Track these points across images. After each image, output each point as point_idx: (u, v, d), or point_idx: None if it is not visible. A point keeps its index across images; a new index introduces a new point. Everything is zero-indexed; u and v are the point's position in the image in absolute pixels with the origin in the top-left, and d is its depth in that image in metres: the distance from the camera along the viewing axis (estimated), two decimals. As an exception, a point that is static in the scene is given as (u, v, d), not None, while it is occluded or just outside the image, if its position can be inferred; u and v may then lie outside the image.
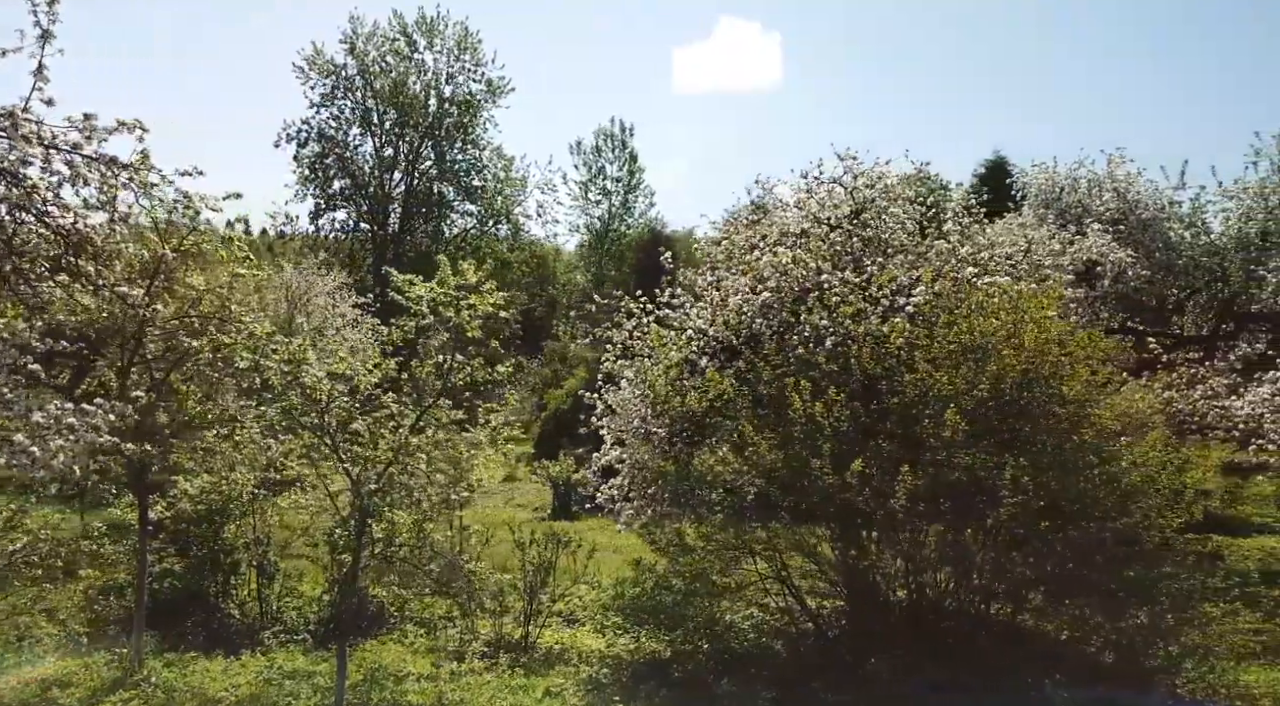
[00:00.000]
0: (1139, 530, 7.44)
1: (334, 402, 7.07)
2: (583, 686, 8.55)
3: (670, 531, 8.83)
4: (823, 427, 7.38)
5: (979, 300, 8.08)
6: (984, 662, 7.85)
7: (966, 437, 6.99)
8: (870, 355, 7.86)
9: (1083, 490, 7.11)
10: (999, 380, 7.31)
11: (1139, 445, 7.74)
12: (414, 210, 48.40)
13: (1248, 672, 9.26)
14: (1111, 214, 17.19)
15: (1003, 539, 7.42)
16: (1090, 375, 7.55)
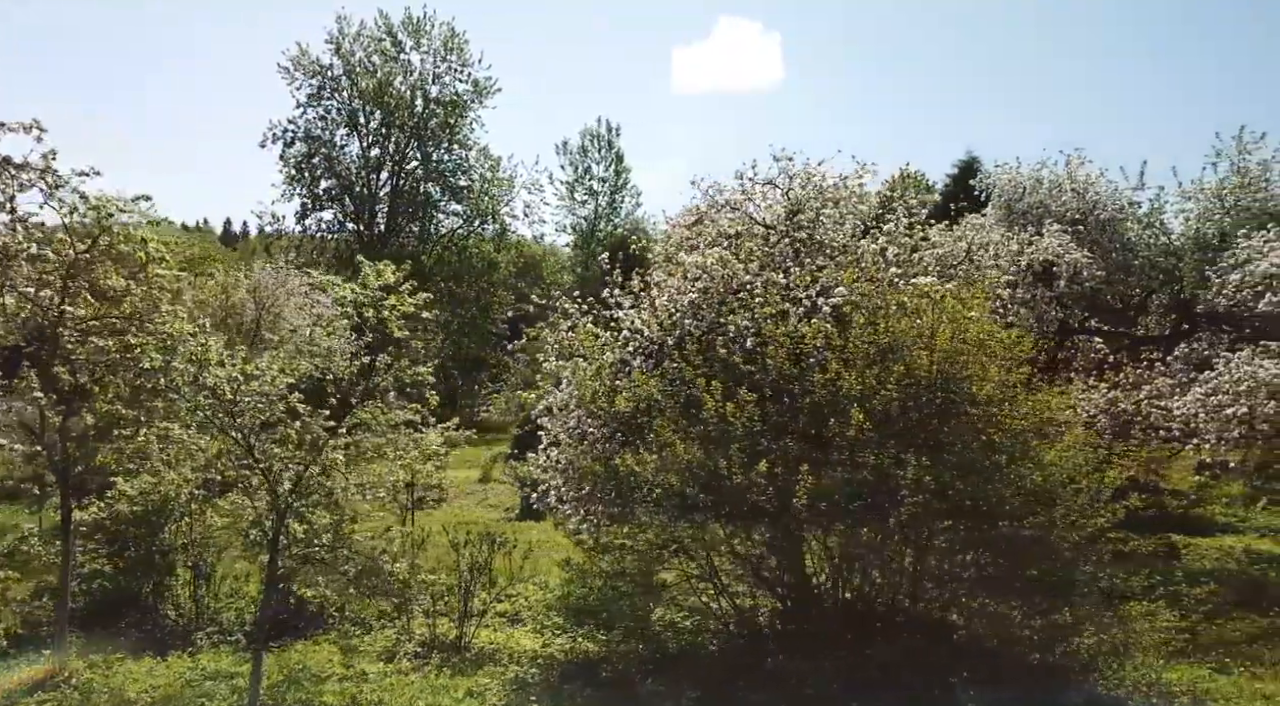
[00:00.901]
0: (1055, 529, 7.47)
1: (244, 403, 7.08)
2: (508, 686, 8.58)
3: (599, 531, 8.86)
4: (734, 428, 7.42)
5: (899, 301, 8.12)
6: (907, 661, 7.89)
7: (873, 437, 7.03)
8: (786, 356, 7.89)
9: (989, 490, 7.15)
10: (907, 381, 7.35)
11: (1057, 445, 7.79)
12: (400, 210, 48.41)
13: (1171, 670, 9.33)
14: (1072, 214, 17.28)
15: (915, 539, 7.45)
16: (1004, 376, 7.60)
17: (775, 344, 7.92)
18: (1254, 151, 16.64)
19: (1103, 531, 8.66)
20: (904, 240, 9.78)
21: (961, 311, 8.03)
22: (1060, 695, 8.06)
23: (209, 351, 6.87)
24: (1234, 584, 14.37)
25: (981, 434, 7.36)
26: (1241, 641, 10.66)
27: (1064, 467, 7.46)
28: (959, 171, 27.71)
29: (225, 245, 62.50)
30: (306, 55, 46.24)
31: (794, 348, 7.98)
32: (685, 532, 7.89)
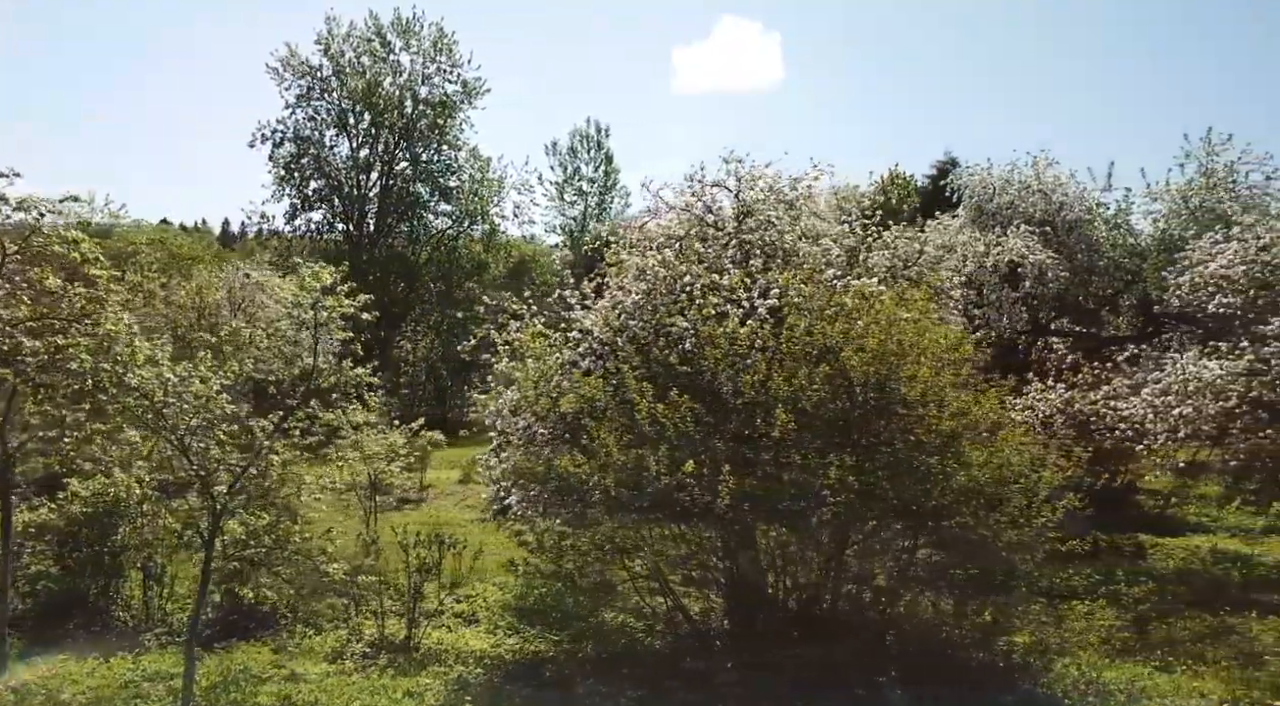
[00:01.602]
0: (987, 528, 7.53)
1: (173, 405, 7.10)
2: (449, 686, 8.60)
3: (541, 531, 8.90)
4: (665, 428, 7.46)
5: (835, 302, 8.17)
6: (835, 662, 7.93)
7: (799, 438, 7.08)
8: (722, 357, 7.94)
9: (919, 490, 7.20)
10: (840, 381, 7.40)
11: (989, 446, 7.84)
12: (389, 210, 48.38)
13: (1113, 669, 9.38)
14: (1040, 215, 17.38)
15: (839, 539, 7.50)
16: (934, 376, 7.64)
17: (711, 345, 7.96)
18: (1221, 153, 16.78)
19: (1041, 531, 8.74)
20: (846, 242, 9.82)
21: (896, 313, 8.08)
22: (996, 693, 8.11)
23: (136, 352, 6.89)
24: (1196, 583, 14.44)
25: (910, 434, 7.41)
26: (1189, 640, 10.72)
27: (993, 467, 7.51)
28: (937, 172, 27.81)
29: (224, 245, 62.55)
30: (296, 56, 46.21)
31: (730, 349, 8.02)
32: (619, 533, 7.93)
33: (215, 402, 7.06)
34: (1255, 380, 9.99)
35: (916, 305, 8.79)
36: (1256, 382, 9.93)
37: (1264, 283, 10.58)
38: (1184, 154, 17.15)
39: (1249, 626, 11.26)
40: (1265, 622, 11.39)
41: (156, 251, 35.53)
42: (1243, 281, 10.89)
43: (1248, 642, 10.67)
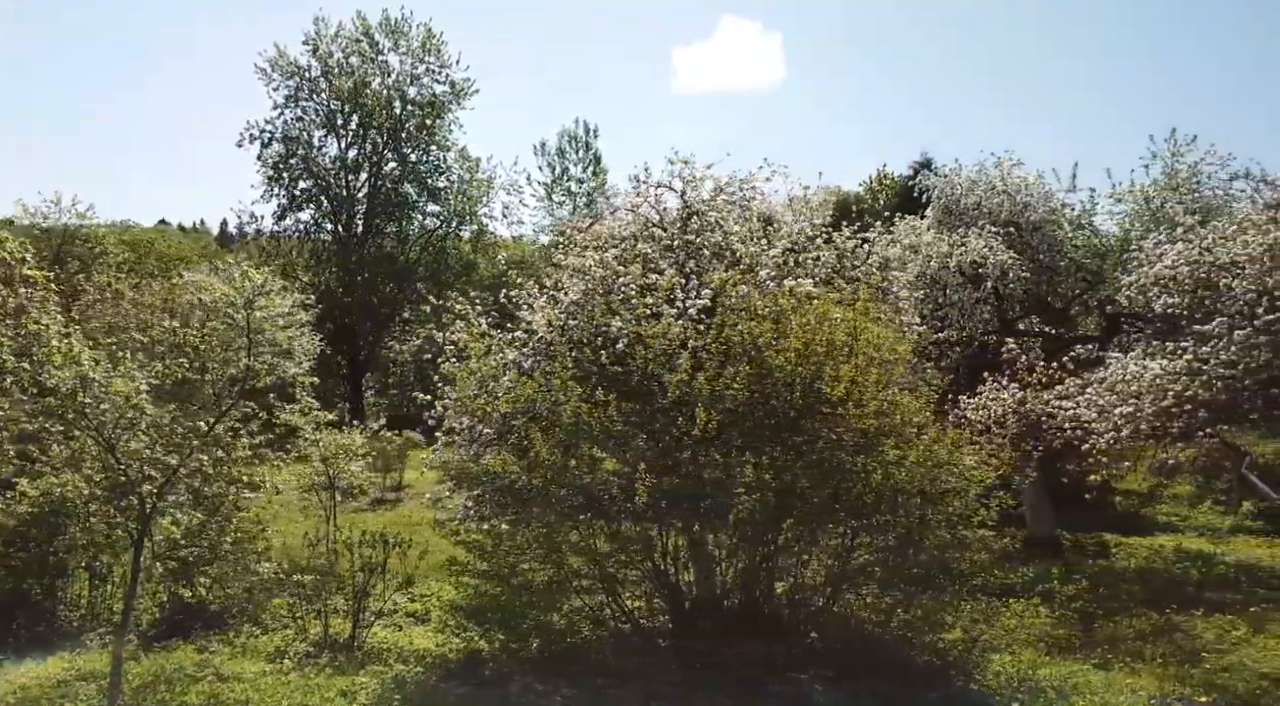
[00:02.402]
0: (908, 526, 7.59)
1: (94, 405, 7.13)
2: (385, 685, 8.64)
3: (475, 530, 8.95)
4: (590, 428, 7.51)
5: (769, 303, 8.22)
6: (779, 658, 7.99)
7: (718, 437, 7.13)
8: (652, 357, 7.99)
9: (841, 489, 7.25)
10: (765, 380, 7.45)
11: (916, 445, 7.89)
12: (377, 211, 48.37)
13: (1048, 666, 9.44)
14: (1005, 216, 17.45)
15: (756, 538, 7.55)
16: (859, 375, 7.70)
17: (643, 345, 8.02)
18: (1186, 154, 16.88)
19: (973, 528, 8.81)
20: (783, 244, 9.88)
21: (828, 313, 8.14)
22: (927, 690, 8.16)
23: (54, 353, 6.92)
24: (1154, 582, 14.53)
25: (832, 433, 7.46)
26: (1132, 638, 10.79)
27: (910, 466, 7.55)
28: (912, 173, 27.87)
29: (222, 246, 62.65)
30: (284, 56, 46.15)
31: (661, 349, 8.07)
32: (550, 532, 7.99)
33: (139, 403, 7.09)
34: (1196, 380, 10.06)
35: (858, 306, 8.85)
36: (1195, 382, 10.00)
37: (1207, 283, 10.64)
38: (1150, 155, 17.27)
39: (1194, 624, 11.34)
40: (1210, 620, 11.47)
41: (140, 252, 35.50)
42: (1188, 282, 10.95)
43: (1190, 640, 10.75)
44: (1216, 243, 10.68)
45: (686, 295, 8.79)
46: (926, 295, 16.55)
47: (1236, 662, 9.87)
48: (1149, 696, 8.66)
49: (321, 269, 44.47)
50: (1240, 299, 10.20)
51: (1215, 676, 9.46)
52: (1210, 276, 10.58)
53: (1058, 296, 18.46)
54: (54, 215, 19.65)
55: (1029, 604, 11.63)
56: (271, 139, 45.34)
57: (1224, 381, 9.89)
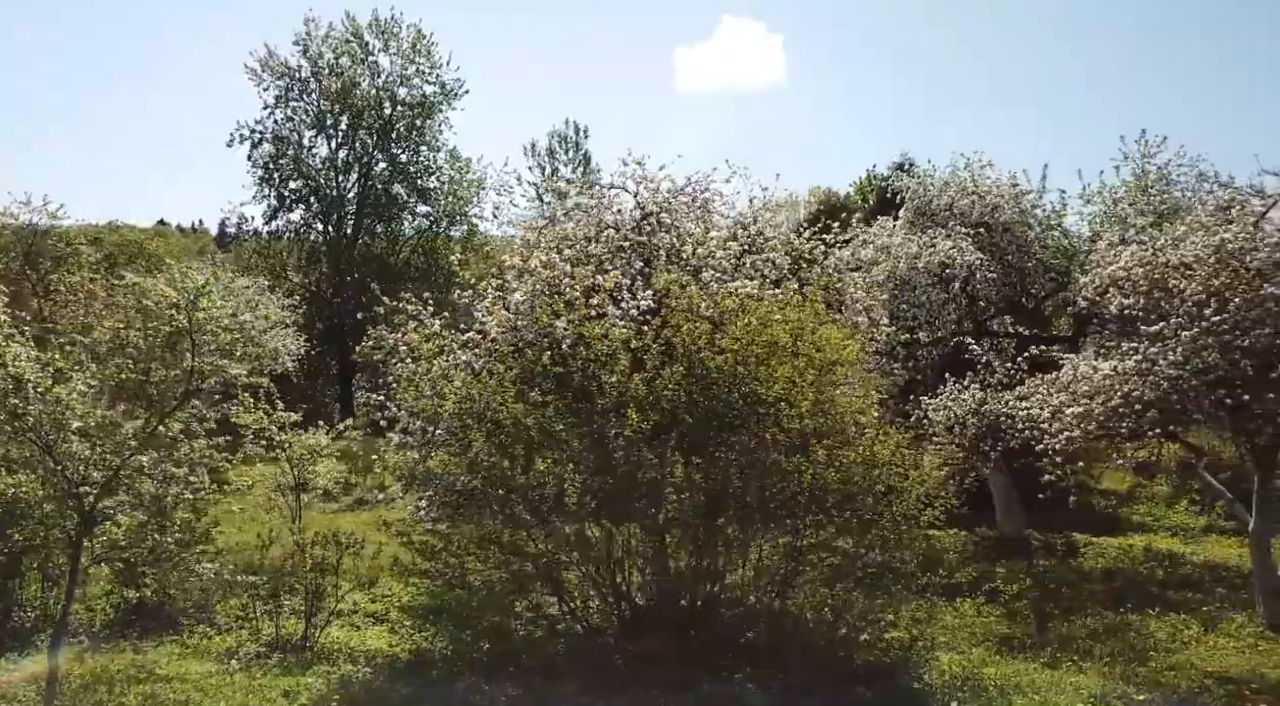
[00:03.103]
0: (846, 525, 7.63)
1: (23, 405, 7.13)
2: (330, 685, 8.66)
3: (426, 532, 8.98)
4: (527, 429, 7.56)
5: (709, 304, 8.27)
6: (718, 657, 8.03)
7: (650, 437, 7.17)
8: (593, 357, 8.02)
9: (778, 488, 7.30)
10: (694, 382, 7.51)
11: (855, 446, 7.94)
12: (367, 211, 48.36)
13: (993, 665, 9.49)
14: (976, 217, 17.53)
15: (686, 537, 7.59)
16: (798, 375, 7.74)
17: (585, 346, 8.06)
18: (1156, 155, 16.96)
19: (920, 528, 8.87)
20: (733, 246, 9.93)
21: (770, 314, 8.19)
22: (867, 688, 8.18)
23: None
24: (1117, 581, 14.60)
25: (766, 433, 7.51)
26: (1085, 637, 10.84)
27: (854, 466, 7.60)
28: (887, 174, 27.93)
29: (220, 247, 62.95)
30: (274, 57, 46.12)
31: (602, 350, 8.11)
32: (479, 533, 8.03)
33: (71, 404, 7.10)
34: (1144, 380, 10.11)
35: (807, 307, 8.90)
36: (1143, 383, 10.05)
37: (1160, 284, 10.69)
38: (1122, 156, 17.34)
39: (1147, 623, 11.41)
40: (1164, 619, 11.54)
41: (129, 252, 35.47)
42: (1143, 283, 11.00)
43: (1141, 639, 10.81)
44: (1168, 244, 10.74)
45: (633, 296, 8.83)
46: (895, 296, 16.64)
47: (1184, 661, 9.94)
48: (1090, 694, 8.71)
49: (312, 269, 44.47)
50: (1190, 300, 10.26)
51: (1161, 675, 9.51)
52: (1162, 278, 10.64)
53: (1030, 297, 18.55)
54: (24, 215, 19.73)
55: (975, 604, 11.70)
56: (261, 139, 45.34)
57: (1171, 382, 9.95)
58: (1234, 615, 11.46)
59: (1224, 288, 10.03)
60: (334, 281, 42.46)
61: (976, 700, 8.40)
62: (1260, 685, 9.21)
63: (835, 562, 8.15)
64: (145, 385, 8.29)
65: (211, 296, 7.96)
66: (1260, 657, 10.12)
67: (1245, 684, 9.24)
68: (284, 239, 46.39)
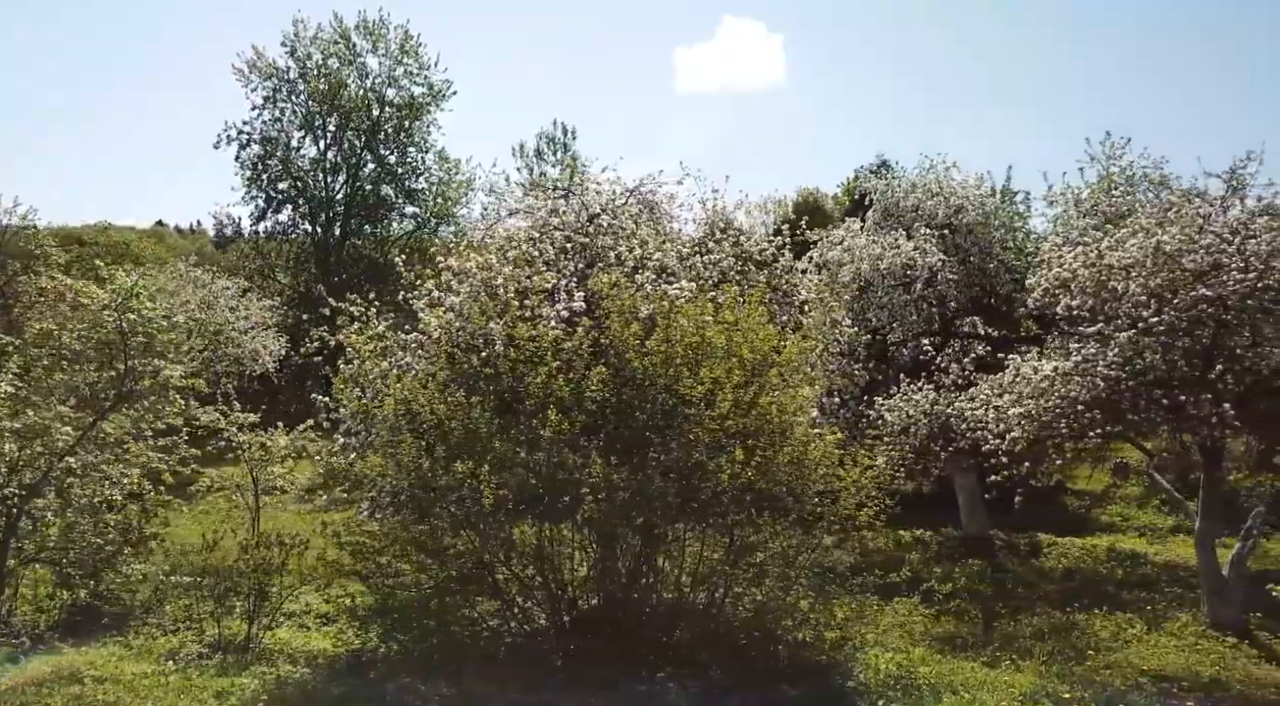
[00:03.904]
0: (753, 525, 7.69)
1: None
2: (265, 686, 8.68)
3: (360, 532, 9.00)
4: (451, 430, 7.60)
5: (642, 305, 8.31)
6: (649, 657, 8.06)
7: (570, 438, 7.21)
8: (522, 359, 8.06)
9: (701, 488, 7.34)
10: (623, 383, 7.55)
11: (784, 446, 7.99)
12: (355, 212, 48.37)
13: (930, 664, 9.54)
14: (941, 219, 17.61)
15: (606, 537, 7.64)
16: (724, 376, 7.77)
17: (514, 347, 8.10)
18: (1121, 157, 17.05)
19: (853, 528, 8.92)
20: (668, 247, 9.99)
21: (703, 316, 8.25)
22: (792, 688, 8.21)
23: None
24: (1074, 582, 14.67)
25: (691, 433, 7.55)
26: (1029, 636, 10.90)
27: (776, 467, 7.64)
28: (856, 176, 28.06)
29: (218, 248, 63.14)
30: (262, 58, 46.13)
31: (532, 351, 8.15)
32: (409, 534, 8.07)
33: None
34: (1082, 381, 10.18)
35: (749, 308, 8.95)
36: (1081, 384, 10.12)
37: (1104, 285, 10.75)
38: (1088, 158, 17.41)
39: (1093, 622, 11.47)
40: (1110, 618, 11.60)
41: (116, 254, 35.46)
42: (1089, 285, 11.07)
43: (1085, 638, 10.87)
44: (1109, 246, 10.81)
45: (570, 298, 8.88)
46: (858, 297, 16.72)
47: (1122, 660, 10.00)
48: (1021, 692, 8.76)
49: (300, 270, 44.50)
50: (1129, 302, 10.34)
51: (1097, 673, 9.57)
52: (1105, 279, 10.71)
53: (997, 298, 18.62)
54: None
55: (911, 604, 11.79)
56: (249, 140, 45.38)
57: (1109, 382, 10.01)
58: (1179, 614, 11.54)
59: (1162, 289, 10.11)
60: (322, 282, 42.49)
61: (906, 699, 8.44)
62: (1192, 683, 9.27)
63: (765, 563, 8.19)
64: (79, 387, 8.32)
65: (142, 298, 7.99)
66: (1198, 656, 10.18)
67: (1178, 681, 9.31)
68: (273, 240, 46.47)
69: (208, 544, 10.34)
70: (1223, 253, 9.74)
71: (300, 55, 45.71)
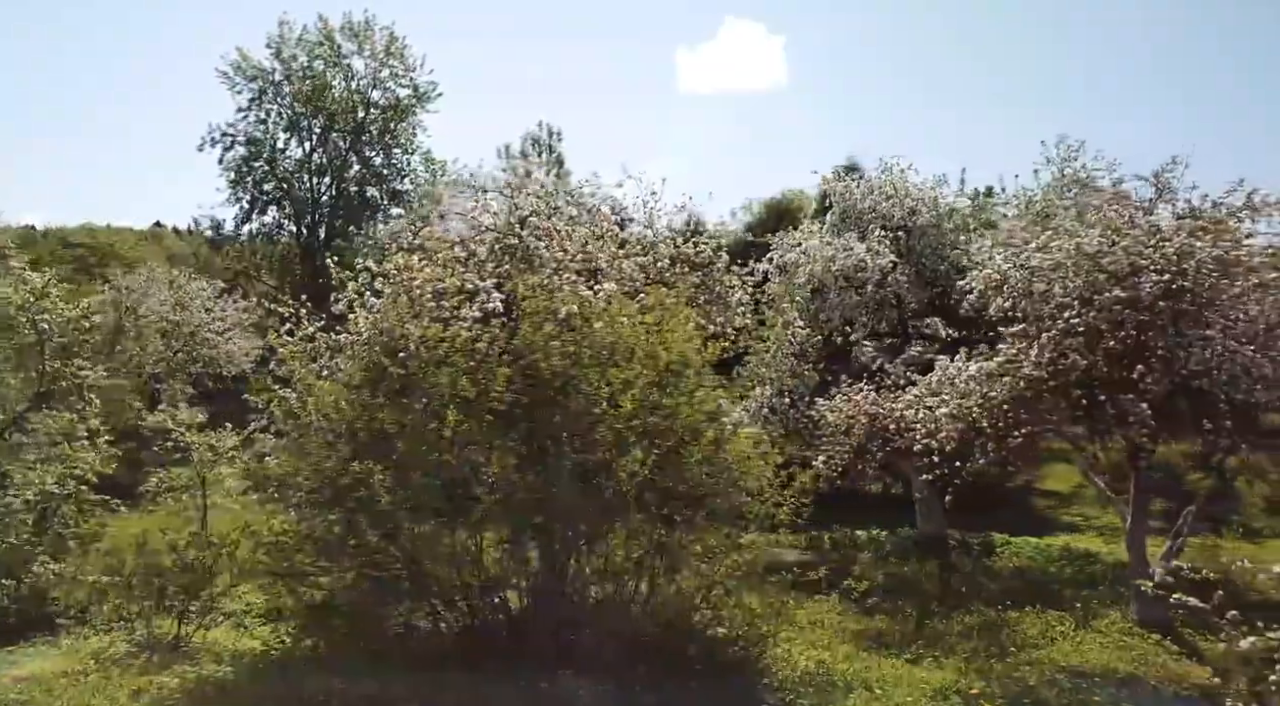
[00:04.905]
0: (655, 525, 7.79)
1: None
2: (184, 684, 8.75)
3: (277, 532, 9.06)
4: (357, 431, 7.68)
5: (555, 306, 8.39)
6: (548, 657, 8.13)
7: (470, 438, 7.29)
8: (431, 358, 8.12)
9: (592, 488, 7.44)
10: (524, 383, 7.64)
11: (697, 446, 8.08)
12: (340, 213, 48.41)
13: (851, 661, 9.63)
14: (897, 221, 17.74)
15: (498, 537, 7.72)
16: (633, 377, 7.86)
17: (427, 348, 8.17)
18: (1075, 159, 17.20)
19: (770, 527, 9.03)
20: (591, 249, 10.07)
21: (614, 317, 8.34)
22: (703, 686, 8.26)
23: None
24: (1018, 581, 14.78)
25: (594, 434, 7.64)
26: (957, 634, 10.99)
27: (680, 467, 7.73)
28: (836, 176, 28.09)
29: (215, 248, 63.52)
30: (247, 60, 46.12)
31: (444, 352, 8.22)
32: (313, 534, 8.16)
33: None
34: (1004, 381, 10.29)
35: (674, 310, 9.04)
36: (1001, 384, 10.23)
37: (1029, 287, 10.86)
38: (1045, 160, 17.56)
39: (1023, 620, 11.56)
40: (1042, 616, 11.69)
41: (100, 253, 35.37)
42: (1019, 286, 11.18)
43: (1013, 636, 10.96)
44: (1035, 248, 10.92)
45: (487, 299, 8.96)
46: (811, 299, 16.85)
47: (1044, 657, 10.09)
48: (932, 688, 8.85)
49: (286, 272, 44.52)
50: (1055, 302, 10.45)
51: (1016, 670, 9.66)
52: (1031, 280, 10.82)
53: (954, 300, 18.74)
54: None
55: (848, 602, 11.91)
56: (234, 142, 45.42)
57: (1030, 382, 10.12)
58: (1110, 612, 11.64)
59: (1083, 290, 10.22)
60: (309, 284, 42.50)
61: (817, 695, 8.53)
62: (1108, 678, 9.37)
63: (677, 561, 8.28)
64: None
65: (53, 298, 8.05)
66: (1120, 652, 10.29)
67: (1093, 677, 9.41)
68: (258, 241, 46.50)
69: (139, 544, 10.41)
70: (1139, 255, 9.86)
71: (285, 57, 45.78)
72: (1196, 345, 9.85)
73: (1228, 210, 11.08)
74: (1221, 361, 9.86)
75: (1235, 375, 9.90)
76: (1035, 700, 8.72)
